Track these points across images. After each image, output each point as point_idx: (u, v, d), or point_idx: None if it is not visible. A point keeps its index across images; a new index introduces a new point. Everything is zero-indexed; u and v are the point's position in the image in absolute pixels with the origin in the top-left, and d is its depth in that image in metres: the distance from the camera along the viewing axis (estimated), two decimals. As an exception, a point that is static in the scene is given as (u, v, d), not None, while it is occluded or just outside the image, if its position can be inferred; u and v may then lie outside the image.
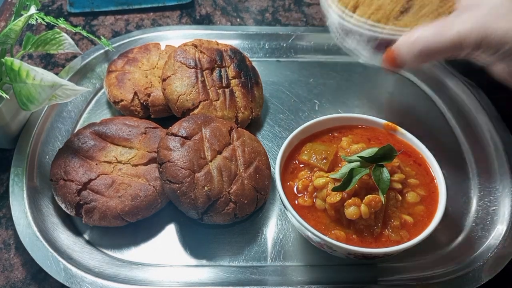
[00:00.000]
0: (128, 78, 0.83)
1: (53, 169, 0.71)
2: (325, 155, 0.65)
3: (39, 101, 0.66)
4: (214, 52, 0.83)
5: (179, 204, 0.66)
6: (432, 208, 0.62)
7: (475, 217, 0.73)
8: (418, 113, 0.87)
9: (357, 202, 0.59)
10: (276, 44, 0.96)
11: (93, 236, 0.70)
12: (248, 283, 0.64)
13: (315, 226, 0.60)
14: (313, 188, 0.63)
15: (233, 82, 0.82)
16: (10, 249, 0.69)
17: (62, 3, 1.10)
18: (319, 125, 0.71)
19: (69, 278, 0.63)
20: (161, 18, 1.07)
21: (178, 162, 0.66)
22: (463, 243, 0.70)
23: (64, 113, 0.84)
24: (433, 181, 0.65)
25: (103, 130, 0.74)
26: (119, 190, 0.68)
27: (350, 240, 0.60)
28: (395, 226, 0.60)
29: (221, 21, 1.07)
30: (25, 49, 0.76)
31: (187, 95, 0.77)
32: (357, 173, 0.59)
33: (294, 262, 0.68)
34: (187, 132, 0.69)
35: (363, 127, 0.72)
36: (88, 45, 1.00)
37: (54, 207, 0.72)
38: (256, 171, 0.70)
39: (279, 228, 0.71)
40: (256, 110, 0.83)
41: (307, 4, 1.11)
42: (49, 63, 0.96)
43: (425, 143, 0.68)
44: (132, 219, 0.68)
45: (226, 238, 0.70)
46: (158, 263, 0.67)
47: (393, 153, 0.61)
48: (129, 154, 0.72)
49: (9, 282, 0.66)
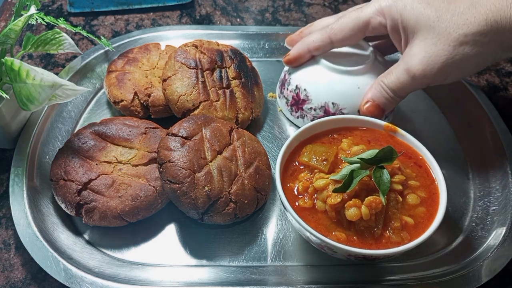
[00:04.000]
0: (128, 78, 0.83)
1: (53, 169, 0.71)
2: (326, 156, 0.65)
3: (39, 101, 0.66)
4: (214, 52, 0.83)
5: (180, 204, 0.66)
6: (433, 209, 0.62)
7: (475, 217, 0.73)
8: (418, 114, 0.88)
9: (357, 204, 0.59)
10: (276, 44, 0.97)
11: (93, 236, 0.70)
12: (248, 283, 0.64)
13: (315, 228, 0.60)
14: (314, 190, 0.63)
15: (234, 83, 0.82)
16: (10, 249, 0.69)
17: (62, 3, 1.09)
18: (319, 127, 0.71)
19: (69, 278, 0.63)
20: (161, 18, 1.07)
21: (179, 162, 0.66)
22: (463, 243, 0.70)
23: (64, 113, 0.84)
24: (434, 183, 0.65)
25: (103, 130, 0.74)
26: (119, 190, 0.68)
27: (350, 242, 0.60)
28: (395, 227, 0.60)
29: (221, 21, 1.07)
30: (25, 49, 0.76)
31: (188, 95, 0.77)
32: (357, 175, 0.59)
33: (294, 262, 0.68)
34: (188, 133, 0.69)
35: (363, 129, 0.72)
36: (88, 45, 1.00)
37: (54, 207, 0.72)
38: (256, 171, 0.70)
39: (279, 228, 0.71)
40: (256, 111, 0.83)
41: (307, 4, 1.12)
42: (49, 63, 0.96)
43: (425, 144, 0.68)
44: (132, 219, 0.68)
45: (226, 238, 0.70)
46: (158, 263, 0.67)
47: (394, 155, 0.61)
48: (129, 154, 0.72)
49: (9, 282, 0.66)
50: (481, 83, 0.95)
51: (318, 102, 0.78)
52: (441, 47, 0.65)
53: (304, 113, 0.80)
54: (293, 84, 0.81)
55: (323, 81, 0.78)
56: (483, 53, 0.65)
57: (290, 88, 0.81)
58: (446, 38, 0.65)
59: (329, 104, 0.77)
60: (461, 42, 0.64)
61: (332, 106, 0.77)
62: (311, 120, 0.79)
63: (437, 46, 0.66)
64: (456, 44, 0.65)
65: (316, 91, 0.78)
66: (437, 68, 0.67)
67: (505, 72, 0.97)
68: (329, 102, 0.77)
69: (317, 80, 0.78)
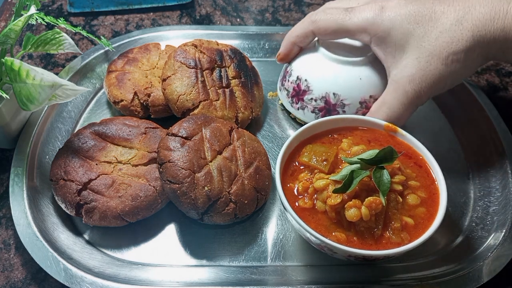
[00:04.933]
0: (128, 78, 0.83)
1: (53, 169, 0.71)
2: (326, 156, 0.65)
3: (39, 101, 0.66)
4: (214, 52, 0.83)
5: (179, 204, 0.66)
6: (433, 210, 0.62)
7: (475, 217, 0.73)
8: (418, 114, 0.87)
9: (357, 204, 0.59)
10: (276, 44, 0.96)
11: (93, 236, 0.70)
12: (248, 283, 0.64)
13: (315, 228, 0.60)
14: (314, 190, 0.63)
15: (233, 82, 0.82)
16: (10, 249, 0.69)
17: (62, 3, 1.09)
18: (319, 127, 0.71)
19: (69, 278, 0.63)
20: (161, 18, 1.07)
21: (178, 162, 0.66)
22: (463, 243, 0.70)
23: (64, 113, 0.84)
24: (434, 183, 0.65)
25: (103, 130, 0.74)
26: (119, 190, 0.68)
27: (350, 242, 0.60)
28: (395, 228, 0.60)
29: (221, 21, 1.07)
30: (25, 49, 0.76)
31: (187, 95, 0.77)
32: (357, 175, 0.59)
33: (294, 262, 0.68)
34: (187, 132, 0.69)
35: (363, 129, 0.72)
36: (88, 45, 1.00)
37: (54, 207, 0.72)
38: (256, 171, 0.70)
39: (279, 228, 0.71)
40: (256, 110, 0.83)
41: (307, 4, 1.12)
42: (49, 63, 0.96)
43: (425, 144, 0.68)
44: (132, 219, 0.68)
45: (226, 238, 0.70)
46: (158, 263, 0.67)
47: (394, 155, 0.61)
48: (129, 154, 0.72)
49: (9, 282, 0.66)
50: (481, 83, 0.95)
51: (319, 92, 0.77)
52: (434, 66, 0.67)
53: (304, 104, 0.80)
54: (294, 75, 0.81)
55: (324, 71, 0.77)
56: (470, 66, 0.68)
57: (291, 80, 0.81)
58: (438, 57, 0.66)
59: (330, 95, 0.77)
60: (452, 60, 0.66)
61: (333, 97, 0.76)
62: (312, 112, 0.79)
63: (431, 65, 0.67)
64: (447, 62, 0.66)
65: (317, 81, 0.78)
66: (432, 84, 0.68)
67: (505, 72, 0.97)
68: (330, 93, 0.77)
69: (319, 70, 0.78)
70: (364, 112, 0.76)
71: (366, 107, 0.77)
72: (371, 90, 0.77)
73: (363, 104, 0.77)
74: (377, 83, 0.77)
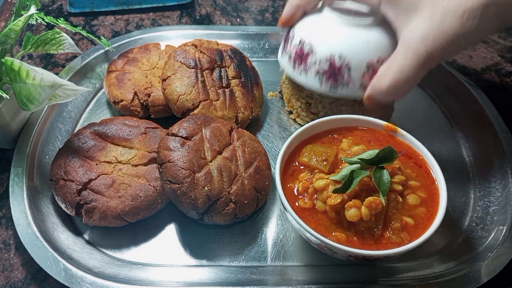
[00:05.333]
0: (128, 78, 0.83)
1: (53, 169, 0.71)
2: (326, 156, 0.65)
3: (39, 101, 0.66)
4: (214, 52, 0.83)
5: (179, 204, 0.66)
6: (433, 210, 0.62)
7: (475, 217, 0.73)
8: (418, 113, 0.88)
9: (357, 204, 0.59)
10: (276, 44, 0.97)
11: (93, 236, 0.70)
12: (248, 283, 0.64)
13: (315, 228, 0.60)
14: (314, 190, 0.63)
15: (233, 82, 0.82)
16: (10, 249, 0.69)
17: (62, 3, 1.10)
18: (319, 127, 0.71)
19: (69, 278, 0.63)
20: (161, 18, 1.07)
21: (178, 162, 0.66)
22: (463, 243, 0.70)
23: (64, 113, 0.84)
24: (434, 183, 0.65)
25: (103, 130, 0.74)
26: (119, 190, 0.68)
27: (350, 242, 0.60)
28: (395, 228, 0.60)
29: (221, 21, 1.07)
30: (25, 49, 0.76)
31: (187, 95, 0.77)
32: (357, 175, 0.59)
33: (294, 262, 0.68)
34: (187, 133, 0.69)
35: (363, 129, 0.72)
36: (88, 45, 1.00)
37: (54, 207, 0.72)
38: (256, 171, 0.70)
39: (279, 228, 0.71)
40: (256, 110, 0.83)
41: (307, 4, 1.11)
42: (49, 63, 0.96)
43: (425, 144, 0.68)
44: (132, 219, 0.68)
45: (226, 238, 0.70)
46: (158, 263, 0.67)
47: (394, 155, 0.61)
48: (129, 154, 0.72)
49: (9, 282, 0.66)
50: (481, 83, 0.95)
51: (323, 54, 0.74)
52: (449, 24, 0.63)
53: (307, 67, 0.76)
54: (297, 39, 0.77)
55: (330, 33, 0.74)
56: (486, 27, 0.64)
57: (294, 43, 0.78)
58: (453, 13, 0.63)
59: (336, 57, 0.73)
60: (467, 17, 0.63)
61: (338, 59, 0.73)
62: (315, 75, 0.75)
63: (446, 23, 0.63)
64: (463, 20, 0.63)
65: (322, 43, 0.74)
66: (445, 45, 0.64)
67: (505, 72, 0.97)
68: (336, 55, 0.73)
69: (324, 32, 0.75)
70: (371, 76, 0.73)
71: (373, 71, 0.73)
72: (378, 54, 0.73)
73: (370, 68, 0.73)
74: (385, 46, 0.73)
